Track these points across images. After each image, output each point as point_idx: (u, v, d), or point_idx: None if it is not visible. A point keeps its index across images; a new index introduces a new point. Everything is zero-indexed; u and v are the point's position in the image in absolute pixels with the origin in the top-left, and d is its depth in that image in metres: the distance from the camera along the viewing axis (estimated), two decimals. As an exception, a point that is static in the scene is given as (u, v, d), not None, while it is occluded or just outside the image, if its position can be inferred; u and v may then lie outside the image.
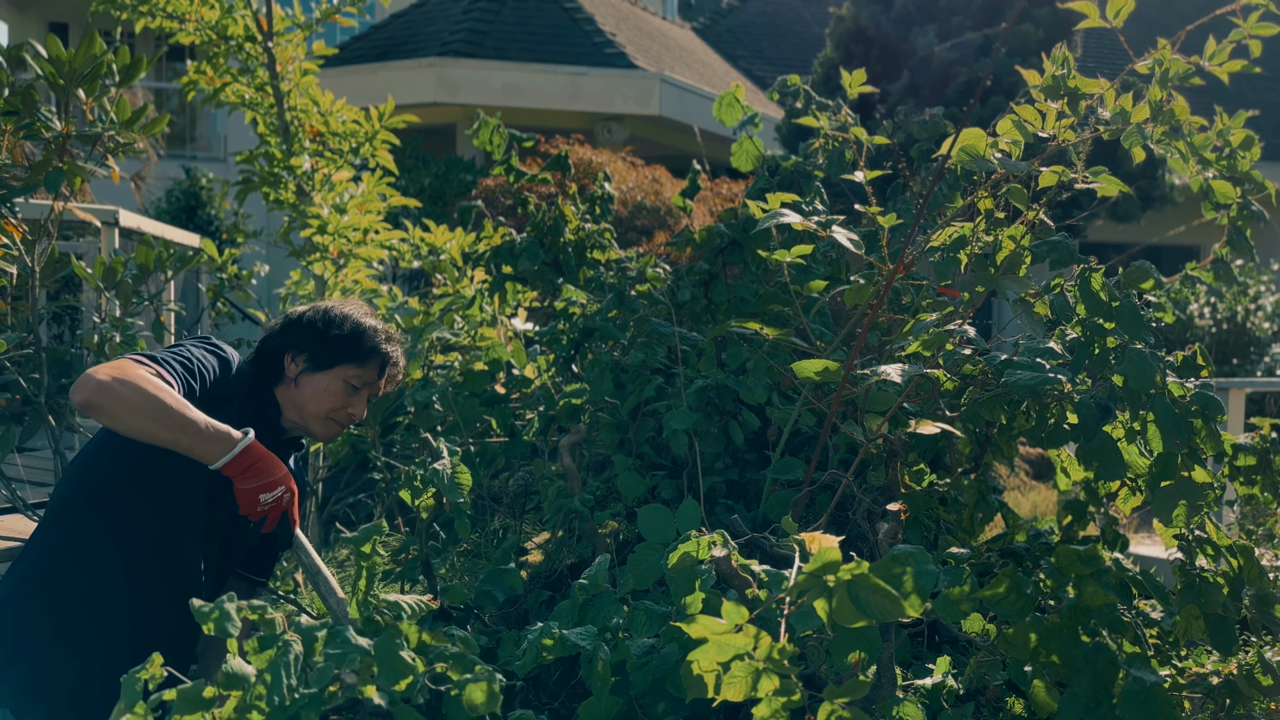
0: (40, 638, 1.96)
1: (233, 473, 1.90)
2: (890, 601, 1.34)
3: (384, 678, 1.34)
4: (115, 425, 1.85)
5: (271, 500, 1.93)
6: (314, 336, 2.19)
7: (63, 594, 1.98)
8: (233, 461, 1.90)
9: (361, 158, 4.50)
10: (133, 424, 1.83)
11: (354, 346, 2.19)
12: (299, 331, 2.20)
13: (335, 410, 2.18)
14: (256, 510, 1.92)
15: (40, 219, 2.99)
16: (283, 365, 2.20)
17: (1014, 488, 6.39)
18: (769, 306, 2.93)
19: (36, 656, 1.96)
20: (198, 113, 14.64)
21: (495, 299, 3.62)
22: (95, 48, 2.74)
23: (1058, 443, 2.29)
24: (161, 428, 1.84)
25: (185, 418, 1.86)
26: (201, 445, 1.88)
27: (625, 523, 3.10)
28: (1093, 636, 1.84)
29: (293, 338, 2.20)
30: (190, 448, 1.88)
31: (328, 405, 2.18)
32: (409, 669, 1.39)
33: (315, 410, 2.17)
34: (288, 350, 2.20)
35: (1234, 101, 3.65)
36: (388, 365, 2.26)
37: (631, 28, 13.37)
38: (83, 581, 1.99)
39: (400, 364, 2.30)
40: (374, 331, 2.22)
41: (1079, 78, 2.39)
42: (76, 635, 1.98)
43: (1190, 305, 9.13)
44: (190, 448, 1.88)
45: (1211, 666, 2.17)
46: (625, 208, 7.41)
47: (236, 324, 9.26)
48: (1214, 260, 2.82)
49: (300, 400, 2.17)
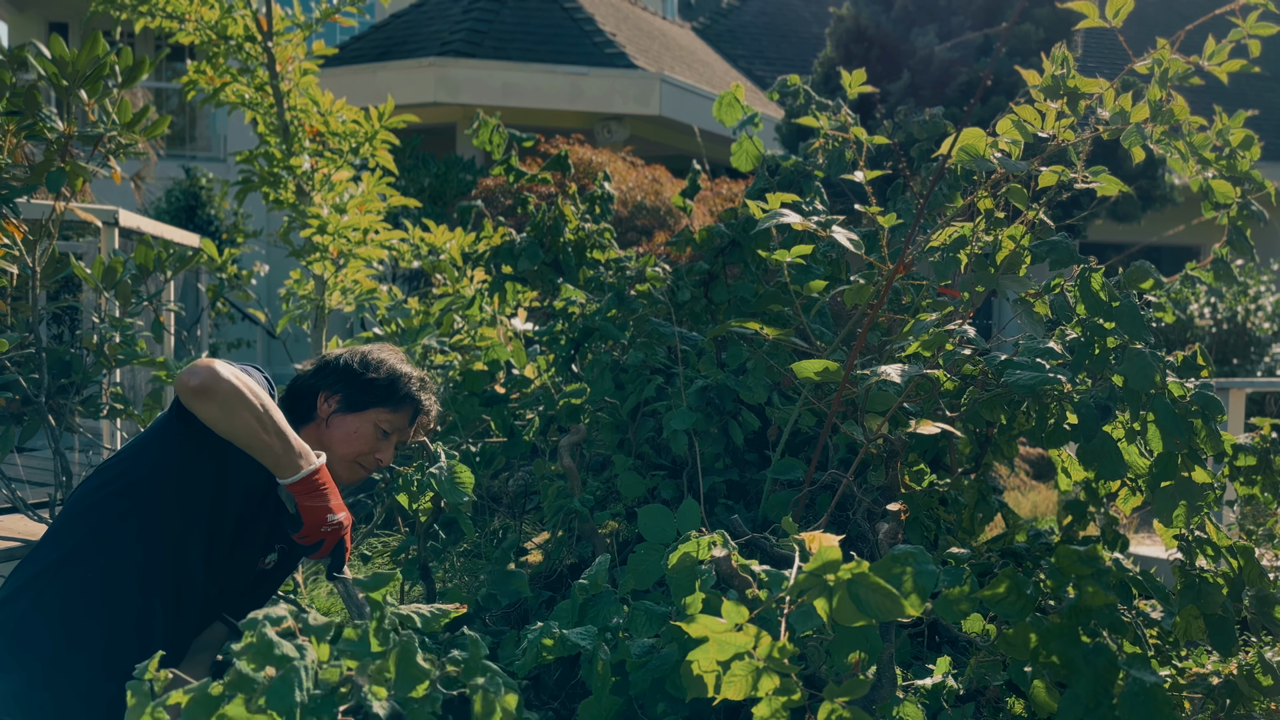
0: (50, 624, 1.97)
1: (303, 490, 1.94)
2: (890, 600, 1.34)
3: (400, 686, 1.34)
4: (218, 415, 1.88)
5: (335, 523, 1.96)
6: (350, 378, 2.21)
7: (80, 577, 1.99)
8: (307, 478, 1.93)
9: (361, 158, 4.50)
10: (238, 419, 1.87)
11: (390, 391, 2.21)
12: (335, 373, 2.22)
13: (363, 455, 2.19)
14: (320, 529, 1.95)
15: (41, 219, 2.99)
16: (315, 405, 2.20)
17: (1014, 488, 6.39)
18: (769, 306, 2.93)
19: (45, 645, 1.96)
20: (197, 113, 14.65)
21: (495, 299, 3.62)
22: (98, 49, 2.74)
23: (1058, 443, 2.29)
24: (261, 429, 1.89)
25: (282, 427, 1.92)
26: (288, 456, 1.92)
27: (625, 523, 3.10)
28: (1093, 637, 1.84)
29: (328, 379, 2.22)
30: (276, 456, 1.92)
31: (356, 448, 2.18)
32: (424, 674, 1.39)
33: (344, 453, 2.18)
34: (322, 390, 2.21)
35: (1234, 102, 3.65)
36: (420, 413, 2.27)
37: (631, 28, 13.37)
38: (99, 568, 2.00)
39: (433, 414, 2.31)
40: (409, 378, 2.25)
41: (1078, 77, 2.39)
42: (87, 617, 1.98)
43: (1190, 305, 9.13)
44: (276, 456, 1.92)
45: (1211, 667, 2.17)
46: (625, 208, 7.41)
47: (236, 324, 9.28)
48: (1214, 260, 2.82)
49: (330, 441, 2.18)
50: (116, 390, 3.22)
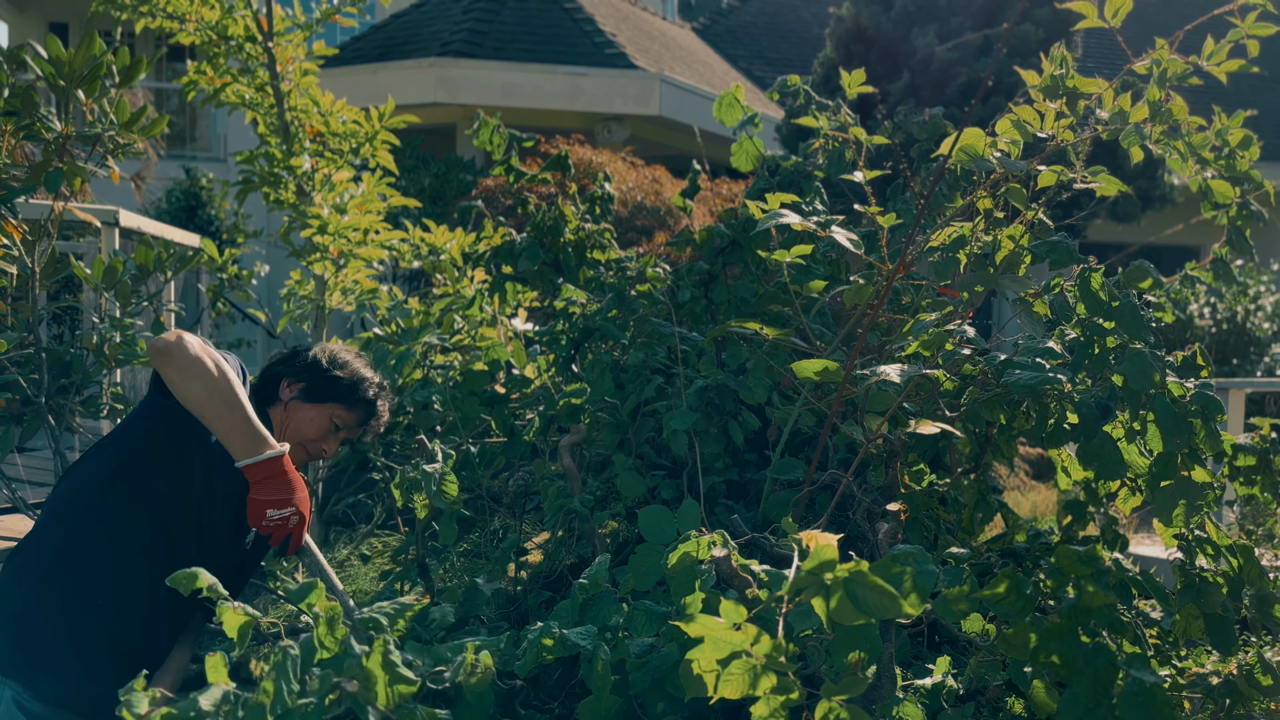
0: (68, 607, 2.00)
1: (253, 477, 1.95)
2: (888, 599, 1.34)
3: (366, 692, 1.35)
4: (175, 379, 1.93)
5: (278, 518, 1.97)
6: (317, 371, 2.36)
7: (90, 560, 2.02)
8: (258, 465, 1.95)
9: (361, 158, 4.50)
10: (191, 386, 1.93)
11: (350, 390, 2.36)
12: (303, 364, 2.37)
13: (311, 442, 2.32)
14: (261, 524, 1.97)
15: (40, 219, 2.99)
16: (279, 389, 2.34)
17: (1014, 488, 6.39)
18: (769, 306, 2.93)
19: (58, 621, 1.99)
20: (198, 113, 14.65)
21: (495, 299, 3.62)
22: (95, 48, 2.74)
23: (1058, 443, 2.29)
24: (215, 400, 1.93)
25: (239, 399, 1.96)
26: (238, 434, 1.95)
27: (625, 523, 3.10)
28: (1093, 637, 1.84)
29: (295, 367, 2.37)
30: (229, 432, 1.95)
31: (307, 435, 2.31)
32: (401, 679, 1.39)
33: (294, 437, 2.31)
34: (287, 376, 2.35)
35: (1234, 102, 3.65)
36: (372, 418, 2.43)
37: (631, 28, 13.37)
38: (110, 552, 2.03)
39: (383, 420, 2.47)
40: (370, 383, 2.40)
41: (1077, 77, 2.39)
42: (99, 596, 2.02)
43: (1190, 305, 9.13)
44: (229, 432, 1.95)
45: (1211, 666, 2.17)
46: (625, 208, 7.41)
47: (236, 324, 9.27)
48: (1214, 260, 2.81)
49: (286, 424, 2.31)
50: (117, 390, 3.23)
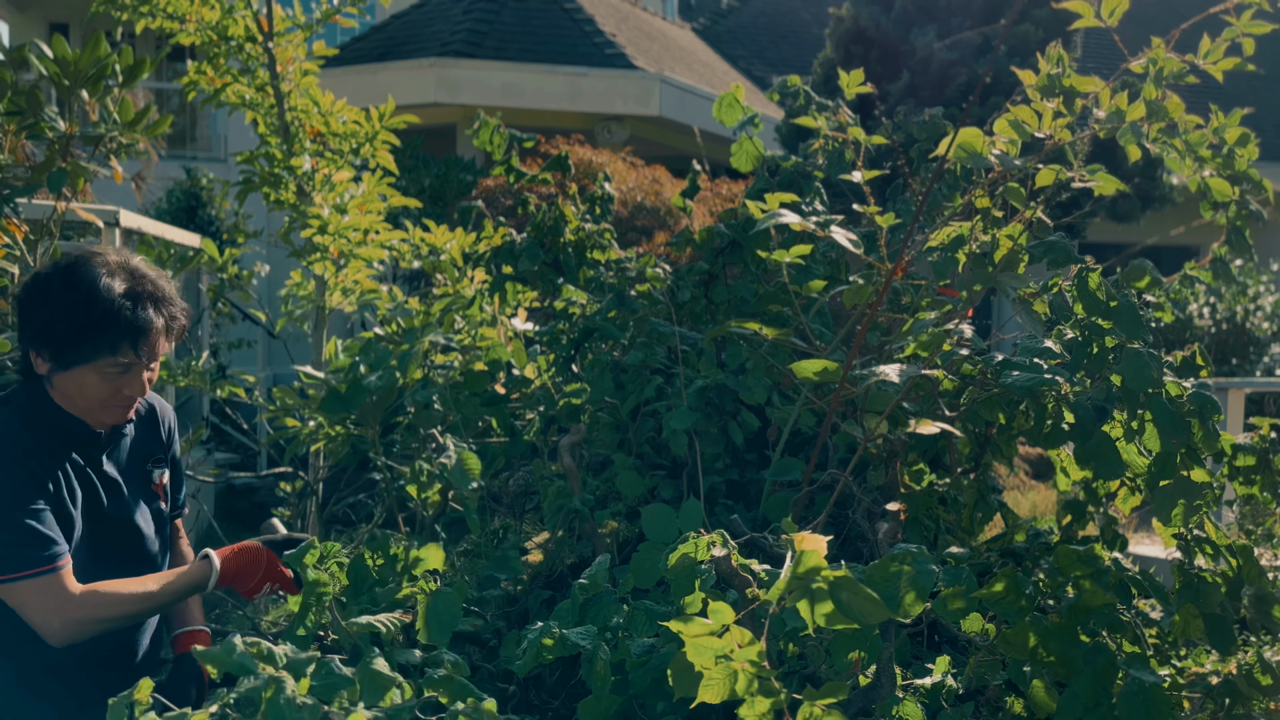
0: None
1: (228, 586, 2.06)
2: (873, 606, 1.34)
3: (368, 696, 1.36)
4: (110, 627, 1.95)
5: (269, 588, 2.10)
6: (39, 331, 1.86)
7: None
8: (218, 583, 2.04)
9: (362, 158, 4.50)
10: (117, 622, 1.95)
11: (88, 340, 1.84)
12: (25, 324, 1.89)
13: (107, 399, 1.90)
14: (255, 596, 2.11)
15: (42, 219, 2.99)
16: (31, 363, 1.90)
17: (1014, 488, 6.39)
18: (769, 306, 2.93)
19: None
20: (198, 113, 14.64)
21: (495, 299, 3.62)
22: (100, 49, 2.75)
23: (1056, 443, 2.29)
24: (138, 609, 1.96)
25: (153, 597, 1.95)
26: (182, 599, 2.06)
27: (625, 523, 3.10)
28: (1092, 636, 1.84)
29: (26, 331, 1.89)
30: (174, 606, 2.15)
31: (96, 396, 1.89)
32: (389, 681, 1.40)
33: (85, 406, 1.90)
34: (29, 348, 1.90)
35: (1232, 102, 3.65)
36: (143, 338, 1.85)
37: (631, 28, 13.37)
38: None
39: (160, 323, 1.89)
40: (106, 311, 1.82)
41: (1074, 76, 2.39)
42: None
43: (1190, 305, 9.13)
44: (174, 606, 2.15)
45: (1211, 666, 2.17)
46: (625, 208, 7.41)
47: (237, 324, 9.26)
48: (1213, 260, 2.82)
49: (66, 397, 1.90)
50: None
